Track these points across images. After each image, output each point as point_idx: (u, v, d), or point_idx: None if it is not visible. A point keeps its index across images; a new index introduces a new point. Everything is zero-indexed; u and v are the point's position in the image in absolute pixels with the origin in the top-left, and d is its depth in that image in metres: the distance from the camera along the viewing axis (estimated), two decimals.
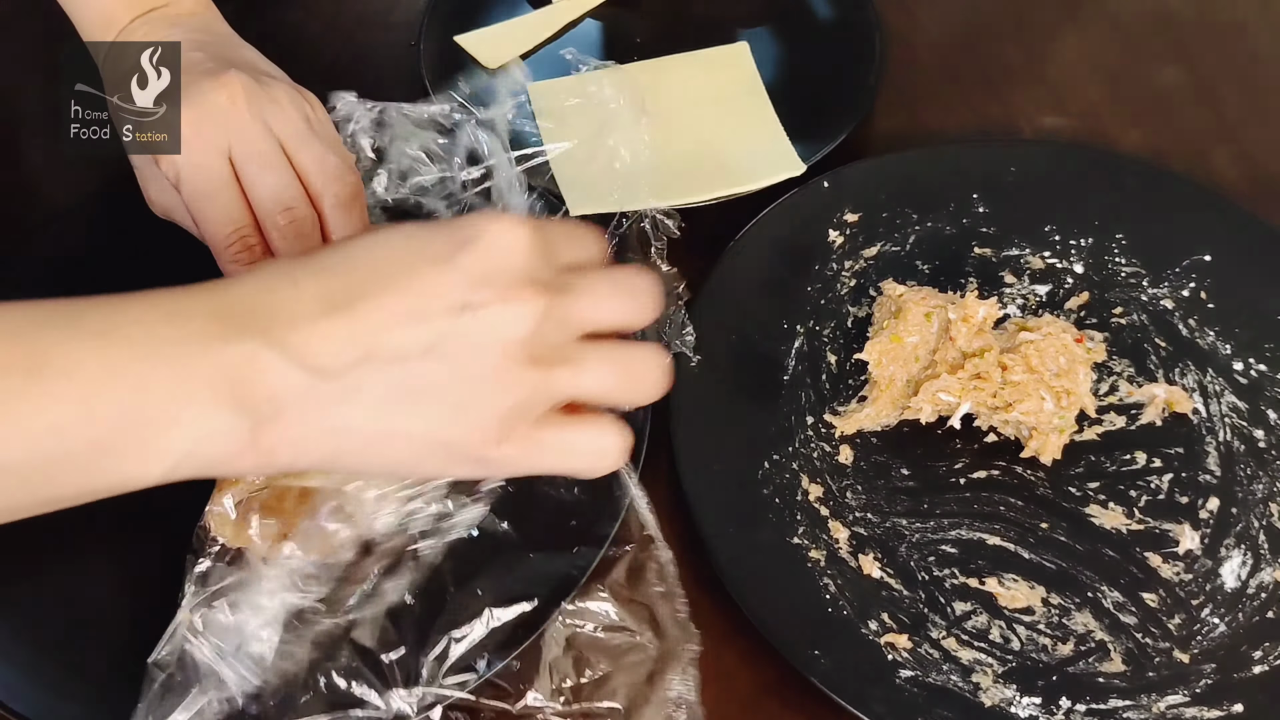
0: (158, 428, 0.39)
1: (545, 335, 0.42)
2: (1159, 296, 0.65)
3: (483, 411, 0.42)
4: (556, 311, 0.42)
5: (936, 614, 0.56)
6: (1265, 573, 0.56)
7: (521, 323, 0.41)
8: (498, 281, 0.41)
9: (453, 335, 0.41)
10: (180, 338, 0.40)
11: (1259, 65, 0.79)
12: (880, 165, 0.70)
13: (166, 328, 0.40)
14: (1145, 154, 0.72)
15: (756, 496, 0.59)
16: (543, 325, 0.42)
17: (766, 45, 0.79)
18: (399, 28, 0.83)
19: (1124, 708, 0.52)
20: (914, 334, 0.61)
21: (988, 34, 0.82)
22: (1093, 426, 0.61)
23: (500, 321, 0.41)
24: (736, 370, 0.63)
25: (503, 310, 0.41)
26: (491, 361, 0.41)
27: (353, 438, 0.42)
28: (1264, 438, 0.60)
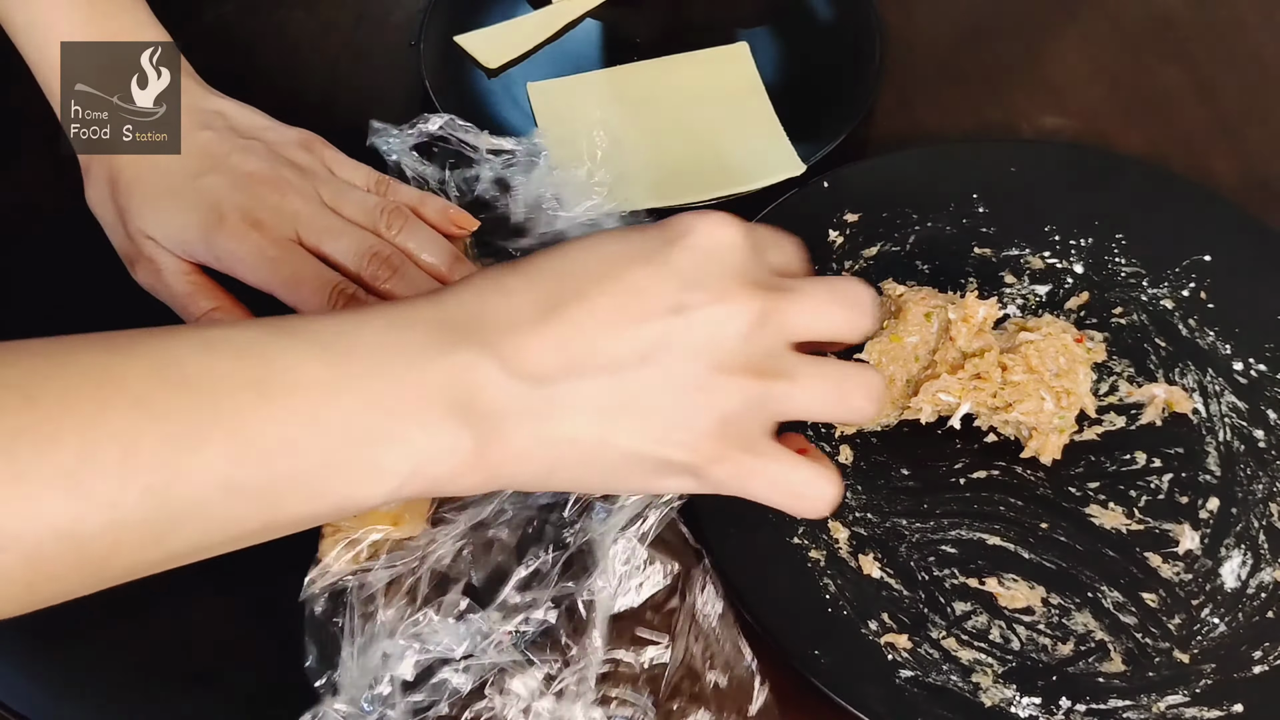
0: (386, 444, 0.38)
1: (761, 341, 0.41)
2: (1159, 296, 0.65)
3: (697, 423, 0.40)
4: (773, 315, 0.41)
5: (936, 614, 0.56)
6: (1265, 573, 0.56)
7: (737, 323, 0.40)
8: (711, 280, 0.40)
9: (666, 339, 0.40)
10: (403, 348, 0.39)
11: (1259, 65, 0.79)
12: (880, 165, 0.70)
13: (389, 337, 0.39)
14: (1145, 154, 0.72)
15: None
16: (759, 329, 0.40)
17: (766, 45, 0.79)
18: (399, 28, 0.83)
19: (1124, 708, 0.52)
20: (914, 334, 0.61)
21: (988, 34, 0.82)
22: (1093, 426, 0.61)
23: (715, 322, 0.40)
24: None
25: (717, 310, 0.40)
26: (706, 368, 0.40)
27: (570, 449, 0.40)
28: (1264, 438, 0.60)
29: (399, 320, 0.40)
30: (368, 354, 0.38)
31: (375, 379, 0.38)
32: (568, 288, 0.40)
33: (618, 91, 0.76)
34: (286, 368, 0.38)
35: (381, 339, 0.39)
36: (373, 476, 0.38)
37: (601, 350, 0.39)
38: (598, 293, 0.40)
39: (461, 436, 0.39)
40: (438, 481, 0.40)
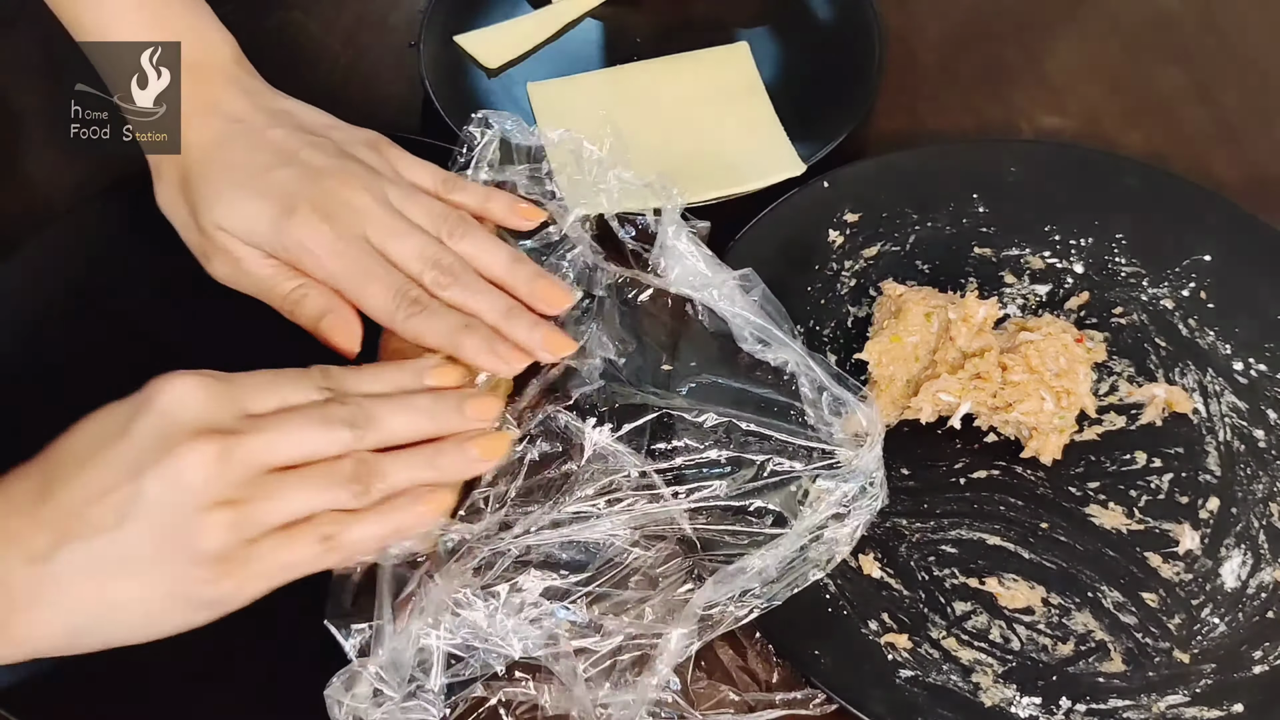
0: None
1: (228, 475, 0.45)
2: (1159, 296, 0.65)
3: (187, 559, 0.45)
4: (235, 451, 0.45)
5: (936, 614, 0.56)
6: (1265, 573, 0.56)
7: (195, 471, 0.45)
8: (169, 439, 0.45)
9: (137, 499, 0.44)
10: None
11: (1259, 66, 0.79)
12: (880, 165, 0.70)
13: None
14: (1145, 154, 0.72)
15: None
16: (221, 466, 0.45)
17: (766, 45, 0.79)
18: (399, 28, 0.82)
19: (1124, 708, 0.52)
20: (914, 334, 0.61)
21: (988, 34, 0.82)
22: (1093, 426, 0.61)
23: (174, 474, 0.44)
24: None
25: (173, 463, 0.44)
26: (179, 512, 0.45)
27: (82, 612, 0.45)
28: (1264, 438, 0.60)
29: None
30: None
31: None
32: (58, 474, 0.45)
33: (618, 91, 0.76)
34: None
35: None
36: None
37: (84, 521, 0.44)
38: (77, 472, 0.45)
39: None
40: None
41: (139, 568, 0.45)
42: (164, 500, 0.44)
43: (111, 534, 0.44)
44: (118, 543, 0.44)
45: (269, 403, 0.48)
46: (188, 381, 0.46)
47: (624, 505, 0.53)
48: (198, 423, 0.46)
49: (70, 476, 0.45)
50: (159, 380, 0.47)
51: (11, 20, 0.80)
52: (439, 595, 0.49)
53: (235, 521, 0.45)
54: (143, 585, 0.45)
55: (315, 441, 0.48)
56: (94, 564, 0.44)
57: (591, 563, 0.53)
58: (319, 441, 0.48)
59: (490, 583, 0.50)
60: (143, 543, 0.44)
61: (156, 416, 0.46)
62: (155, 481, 0.44)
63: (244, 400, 0.47)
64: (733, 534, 0.54)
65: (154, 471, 0.44)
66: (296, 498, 0.47)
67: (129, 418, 0.46)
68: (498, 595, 0.50)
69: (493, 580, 0.51)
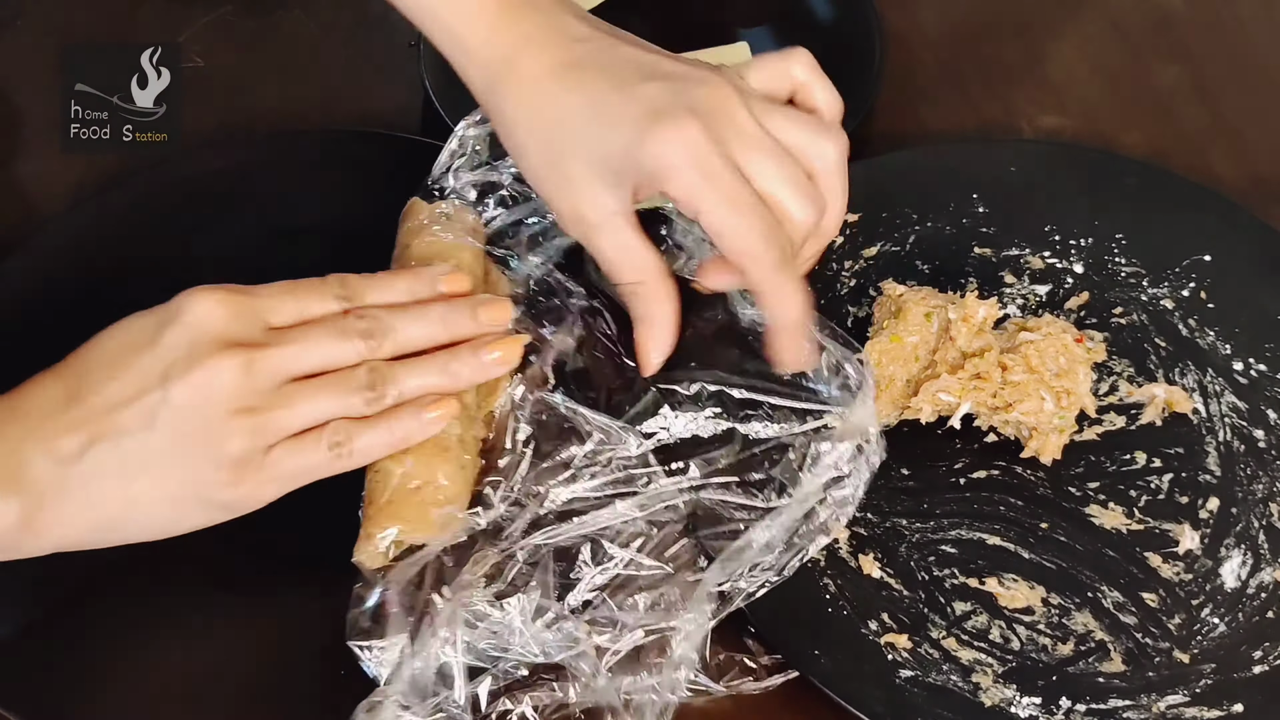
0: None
1: (252, 385, 0.48)
2: (1159, 296, 0.65)
3: (210, 462, 0.48)
4: (258, 363, 0.48)
5: (936, 614, 0.56)
6: (1265, 573, 0.56)
7: (221, 380, 0.47)
8: (197, 349, 0.47)
9: (164, 405, 0.47)
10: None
11: (1259, 65, 0.79)
12: (880, 165, 0.70)
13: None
14: (1145, 154, 0.72)
15: None
16: (246, 378, 0.47)
17: (766, 45, 0.79)
18: (399, 28, 0.82)
19: (1124, 708, 0.52)
20: (914, 334, 0.61)
21: (988, 34, 0.82)
22: (1093, 426, 0.61)
23: (201, 384, 0.47)
24: None
25: (201, 373, 0.47)
26: (204, 418, 0.47)
27: (107, 508, 0.48)
28: (1264, 438, 0.60)
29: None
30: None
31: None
32: (85, 379, 0.48)
33: None
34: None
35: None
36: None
37: (111, 424, 0.47)
38: (107, 377, 0.48)
39: (9, 506, 0.47)
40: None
41: (163, 468, 0.48)
42: (191, 406, 0.47)
43: (139, 435, 0.47)
44: (145, 444, 0.47)
45: (289, 314, 0.50)
46: (213, 296, 0.49)
47: (630, 487, 0.53)
48: (224, 335, 0.48)
49: (100, 381, 0.48)
50: (186, 294, 0.49)
51: (11, 20, 0.80)
52: (452, 609, 0.50)
53: (255, 428, 0.48)
54: (165, 484, 0.48)
55: (333, 352, 0.50)
56: (122, 463, 0.47)
57: (601, 552, 0.53)
58: (336, 352, 0.50)
59: (504, 591, 0.51)
60: (168, 444, 0.47)
61: (185, 328, 0.48)
62: (183, 388, 0.47)
63: (266, 313, 0.50)
64: (736, 507, 0.54)
65: (183, 379, 0.47)
66: (313, 405, 0.49)
67: (157, 328, 0.48)
68: (513, 603, 0.50)
69: (505, 588, 0.51)
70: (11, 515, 0.47)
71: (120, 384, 0.48)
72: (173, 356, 0.47)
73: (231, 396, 0.47)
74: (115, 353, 0.49)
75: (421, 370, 0.51)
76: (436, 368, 0.51)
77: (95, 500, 0.48)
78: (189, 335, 0.48)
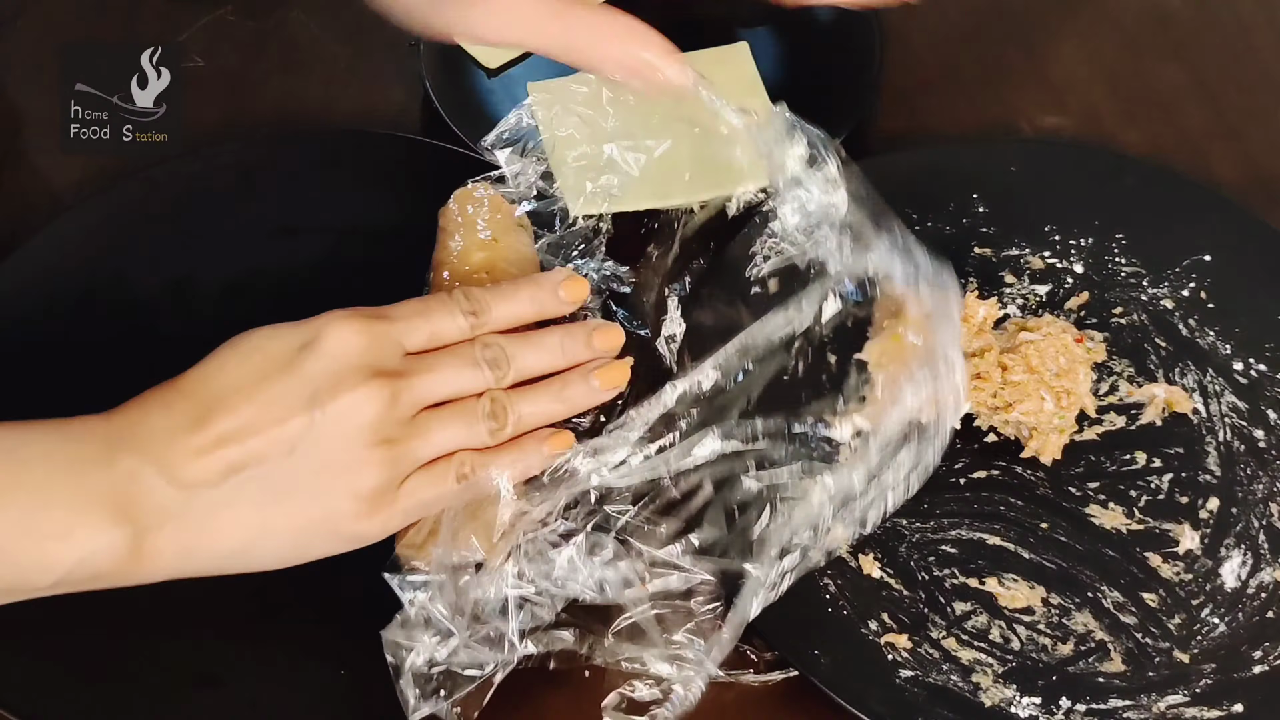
0: (53, 539, 0.44)
1: (394, 415, 0.47)
2: (1159, 296, 0.65)
3: (347, 494, 0.47)
4: (402, 393, 0.48)
5: (936, 614, 0.56)
6: (1265, 573, 0.56)
7: (364, 410, 0.47)
8: (340, 377, 0.47)
9: (307, 433, 0.46)
10: (76, 458, 0.45)
11: (1259, 65, 0.79)
12: (880, 165, 0.70)
13: (62, 450, 0.45)
14: (1145, 154, 0.72)
15: None
16: (390, 407, 0.47)
17: (766, 45, 0.79)
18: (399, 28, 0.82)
19: (1124, 708, 0.52)
20: (914, 334, 0.61)
21: (988, 34, 0.82)
22: (1093, 426, 0.61)
23: (346, 413, 0.46)
24: None
25: (346, 402, 0.46)
26: (346, 449, 0.47)
27: (235, 537, 0.47)
28: (1264, 438, 0.60)
29: (72, 434, 0.46)
30: (41, 463, 0.45)
31: (47, 483, 0.45)
32: (217, 400, 0.46)
33: (618, 91, 0.76)
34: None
35: (53, 450, 0.45)
36: (40, 567, 0.44)
37: (250, 451, 0.46)
38: (243, 402, 0.46)
39: (121, 535, 0.45)
40: (102, 573, 0.46)
41: (298, 498, 0.47)
42: (334, 435, 0.46)
43: (280, 463, 0.46)
44: (286, 472, 0.46)
45: (423, 338, 0.50)
46: (352, 323, 0.48)
47: None
48: (368, 365, 0.47)
49: (232, 406, 0.46)
50: (324, 319, 0.48)
51: (11, 20, 0.80)
52: (517, 543, 0.50)
53: (393, 459, 0.48)
54: (298, 515, 0.47)
55: (464, 381, 0.50)
56: (258, 492, 0.46)
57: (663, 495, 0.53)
58: (467, 381, 0.50)
59: (572, 527, 0.52)
60: (307, 474, 0.46)
61: (326, 357, 0.47)
62: (329, 417, 0.46)
63: (402, 337, 0.49)
64: None
65: (330, 407, 0.46)
66: (444, 436, 0.49)
67: (296, 353, 0.47)
68: (578, 541, 0.51)
69: (575, 522, 0.52)
70: (125, 546, 0.45)
71: (258, 409, 0.46)
72: (316, 384, 0.46)
73: (375, 427, 0.47)
74: (248, 375, 0.47)
75: (537, 399, 0.52)
76: (551, 396, 0.52)
77: (223, 530, 0.46)
78: (331, 364, 0.47)
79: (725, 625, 0.51)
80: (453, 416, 0.50)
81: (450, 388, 0.50)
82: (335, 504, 0.47)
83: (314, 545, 0.49)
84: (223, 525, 0.46)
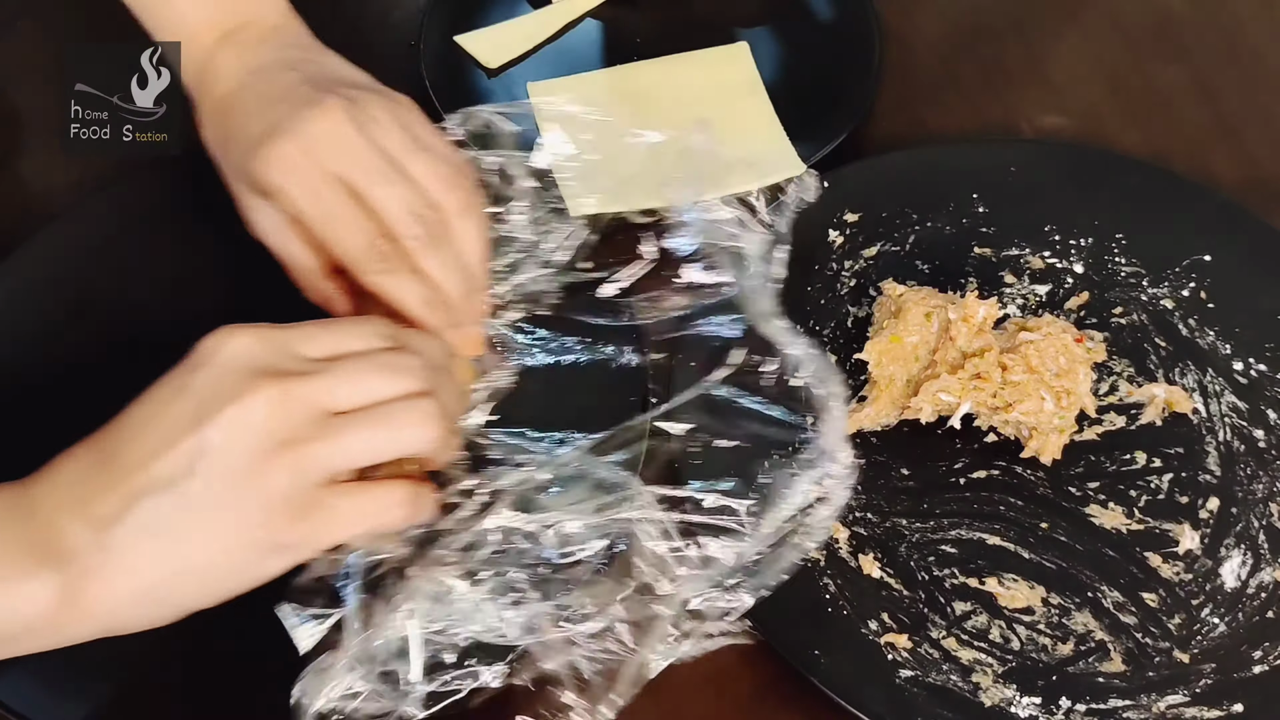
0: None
1: (290, 418, 0.45)
2: (1159, 296, 0.65)
3: (257, 503, 0.45)
4: (294, 393, 0.45)
5: (936, 614, 0.56)
6: (1265, 573, 0.56)
7: (254, 413, 0.44)
8: (224, 384, 0.45)
9: (201, 448, 0.44)
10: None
11: (1259, 65, 0.79)
12: (880, 165, 0.70)
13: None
14: (1145, 154, 0.72)
15: None
16: (283, 408, 0.45)
17: (766, 45, 0.79)
18: (399, 28, 0.82)
19: (1124, 708, 0.52)
20: (914, 334, 0.61)
21: (988, 34, 0.82)
22: (1093, 426, 0.61)
23: (235, 420, 0.44)
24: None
25: (235, 408, 0.44)
26: (244, 456, 0.44)
27: (155, 572, 0.45)
28: (1264, 438, 0.60)
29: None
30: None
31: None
32: (120, 439, 0.45)
33: (618, 91, 0.76)
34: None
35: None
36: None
37: (150, 478, 0.44)
38: (139, 433, 0.45)
39: (48, 581, 0.44)
40: (34, 625, 0.44)
41: (209, 518, 0.44)
42: (229, 445, 0.44)
43: (180, 485, 0.44)
44: (187, 495, 0.44)
45: (325, 348, 0.48)
46: (243, 334, 0.46)
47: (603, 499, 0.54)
48: (256, 368, 0.45)
49: (132, 438, 0.45)
50: (212, 336, 0.46)
51: (11, 20, 0.80)
52: (417, 584, 0.49)
53: (298, 461, 0.45)
54: (216, 537, 0.45)
55: (377, 386, 0.47)
56: (164, 519, 0.44)
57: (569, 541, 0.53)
58: (381, 387, 0.47)
59: (472, 569, 0.51)
60: (211, 492, 0.44)
61: (215, 369, 0.45)
62: (219, 427, 0.44)
63: (300, 345, 0.47)
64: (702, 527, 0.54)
65: (217, 418, 0.44)
66: (358, 440, 0.46)
67: (187, 375, 0.46)
68: (481, 580, 0.50)
69: (474, 568, 0.51)
70: (50, 592, 0.44)
71: (152, 436, 0.45)
72: (203, 397, 0.45)
73: (270, 428, 0.44)
74: (147, 410, 0.46)
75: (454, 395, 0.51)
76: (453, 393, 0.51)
77: (142, 566, 0.44)
78: (220, 374, 0.45)
79: (626, 667, 0.50)
80: (368, 419, 0.47)
81: (360, 392, 0.47)
82: (248, 516, 0.45)
83: (248, 565, 0.46)
84: (142, 559, 0.44)
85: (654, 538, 0.52)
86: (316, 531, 0.46)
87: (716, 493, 0.55)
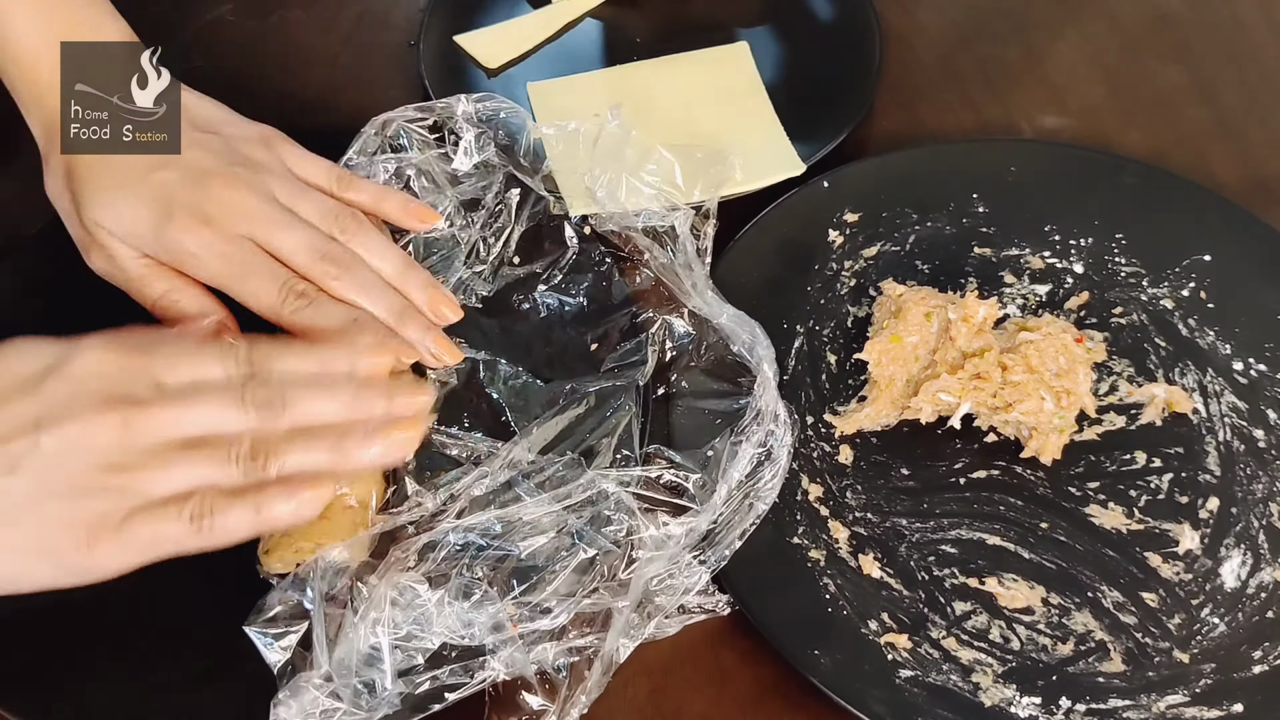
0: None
1: (126, 444, 0.46)
2: (1159, 296, 0.65)
3: (63, 521, 0.45)
4: (136, 422, 0.46)
5: (936, 614, 0.56)
6: (1265, 572, 0.56)
7: (92, 437, 0.45)
8: (73, 401, 0.45)
9: (30, 454, 0.45)
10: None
11: (1259, 65, 0.79)
12: (880, 165, 0.70)
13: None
14: (1145, 154, 0.72)
15: None
16: (122, 435, 0.46)
17: (766, 45, 0.79)
18: (399, 28, 0.83)
19: (1124, 708, 0.52)
20: (914, 334, 0.61)
21: (988, 34, 0.82)
22: (1093, 426, 0.61)
23: (72, 438, 0.45)
24: (736, 370, 0.63)
25: (76, 426, 0.45)
26: (68, 475, 0.45)
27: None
28: (1264, 438, 0.60)
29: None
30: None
31: None
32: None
33: (618, 91, 0.76)
34: None
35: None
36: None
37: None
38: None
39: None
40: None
41: (17, 518, 0.45)
42: (59, 457, 0.45)
43: (2, 481, 0.45)
44: (6, 491, 0.45)
45: (183, 376, 0.48)
46: (105, 352, 0.47)
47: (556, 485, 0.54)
48: (107, 392, 0.46)
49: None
50: (79, 345, 0.47)
51: None
52: (382, 592, 0.49)
53: (119, 489, 0.46)
54: (16, 535, 0.45)
55: (220, 418, 0.47)
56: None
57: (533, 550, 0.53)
58: (224, 418, 0.47)
59: (432, 572, 0.51)
60: (27, 493, 0.45)
61: (69, 381, 0.46)
62: (53, 439, 0.45)
63: (158, 372, 0.47)
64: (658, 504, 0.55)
65: (55, 429, 0.45)
66: (186, 471, 0.46)
67: (43, 374, 0.46)
68: (443, 583, 0.51)
69: (434, 570, 0.51)
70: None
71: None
72: (49, 404, 0.45)
73: (103, 454, 0.45)
74: None
75: (310, 447, 0.48)
76: (326, 446, 0.48)
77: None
78: (70, 387, 0.46)
79: (596, 662, 0.51)
80: (198, 451, 0.47)
81: (202, 423, 0.47)
82: (52, 529, 0.45)
83: (31, 572, 0.46)
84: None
85: (611, 523, 0.53)
86: (112, 557, 0.46)
87: (668, 470, 0.56)
